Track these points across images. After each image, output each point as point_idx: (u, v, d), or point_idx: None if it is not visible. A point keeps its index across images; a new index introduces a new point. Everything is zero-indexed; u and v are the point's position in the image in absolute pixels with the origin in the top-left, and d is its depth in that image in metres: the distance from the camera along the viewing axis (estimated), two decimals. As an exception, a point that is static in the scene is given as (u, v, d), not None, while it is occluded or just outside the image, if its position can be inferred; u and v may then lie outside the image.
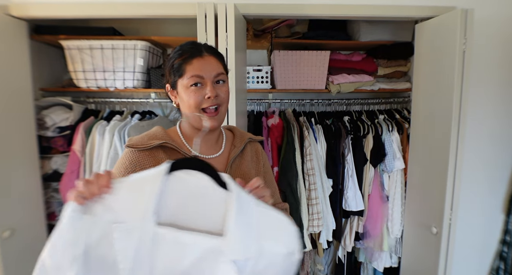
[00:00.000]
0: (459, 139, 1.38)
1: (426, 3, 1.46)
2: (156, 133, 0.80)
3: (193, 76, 0.74)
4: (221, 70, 0.78)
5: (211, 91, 0.74)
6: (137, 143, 0.76)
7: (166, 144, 0.76)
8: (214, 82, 0.76)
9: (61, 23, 1.63)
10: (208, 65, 0.76)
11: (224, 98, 0.79)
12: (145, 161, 0.75)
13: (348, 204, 1.79)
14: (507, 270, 1.74)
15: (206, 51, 0.77)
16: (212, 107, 0.76)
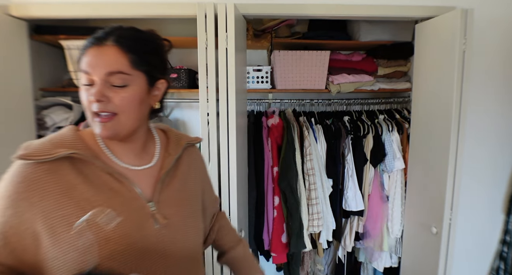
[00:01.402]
0: (459, 139, 1.38)
1: (426, 3, 1.46)
2: (64, 138, 0.59)
3: (83, 73, 0.57)
4: (121, 68, 0.56)
5: (95, 93, 0.55)
6: (34, 153, 0.53)
7: (75, 154, 0.56)
8: (106, 82, 0.56)
9: (61, 23, 1.63)
10: (101, 59, 0.56)
11: (120, 106, 0.57)
12: (44, 179, 0.53)
13: (348, 204, 1.79)
14: (507, 270, 1.74)
15: (111, 38, 0.58)
16: (104, 113, 0.57)
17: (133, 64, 0.58)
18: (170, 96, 2.02)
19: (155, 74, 0.63)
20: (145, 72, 0.61)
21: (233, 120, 1.29)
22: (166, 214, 0.63)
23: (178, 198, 0.68)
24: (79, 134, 0.62)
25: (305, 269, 1.92)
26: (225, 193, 1.33)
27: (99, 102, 0.56)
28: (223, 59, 1.27)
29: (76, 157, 0.57)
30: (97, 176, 0.58)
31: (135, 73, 0.59)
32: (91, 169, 0.58)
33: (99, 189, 0.57)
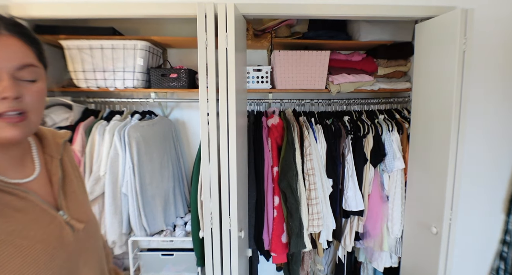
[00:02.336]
0: (459, 139, 1.38)
1: (426, 3, 1.46)
2: None
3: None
4: (30, 61, 0.52)
5: (7, 89, 0.48)
6: None
7: None
8: (14, 77, 0.50)
9: (61, 23, 1.63)
10: (4, 51, 0.49)
11: (31, 104, 0.52)
12: None
13: (348, 204, 1.79)
14: (507, 270, 1.74)
15: (7, 29, 0.51)
16: (12, 113, 0.50)
17: (38, 56, 0.55)
18: (170, 96, 2.03)
19: (47, 68, 0.58)
20: (45, 65, 0.57)
21: (233, 120, 1.29)
22: (77, 217, 0.61)
23: (78, 198, 0.66)
24: None
25: (305, 269, 1.92)
26: (225, 193, 1.32)
27: (13, 100, 0.49)
28: (223, 59, 1.27)
29: None
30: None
31: (41, 66, 0.55)
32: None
33: (3, 214, 0.49)
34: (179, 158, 2.01)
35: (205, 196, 1.34)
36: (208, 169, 1.32)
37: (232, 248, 1.36)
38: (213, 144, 1.31)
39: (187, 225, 1.84)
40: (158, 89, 1.74)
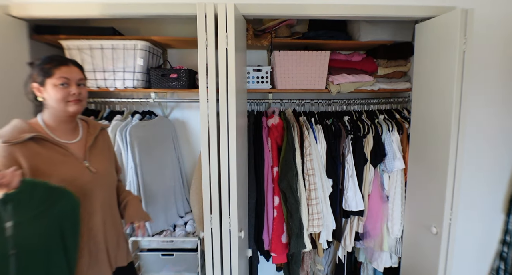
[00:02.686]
0: (459, 139, 1.38)
1: (426, 3, 1.46)
2: (22, 127, 0.95)
3: (60, 78, 0.97)
4: (82, 77, 1.04)
5: (75, 89, 1.00)
6: (11, 138, 0.90)
7: (38, 136, 0.94)
8: (77, 84, 1.01)
9: (61, 23, 1.63)
10: (73, 72, 1.01)
11: (84, 96, 1.04)
12: (18, 154, 0.90)
13: (348, 204, 1.79)
14: (507, 270, 1.74)
15: (71, 62, 1.02)
16: (79, 100, 1.01)
17: (83, 74, 1.06)
18: (170, 96, 2.03)
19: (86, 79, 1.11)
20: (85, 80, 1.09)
21: (233, 120, 1.29)
22: (95, 167, 1.07)
23: (100, 158, 1.11)
24: (29, 124, 0.99)
25: (305, 269, 1.92)
26: (225, 193, 1.33)
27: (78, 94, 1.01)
28: (223, 59, 1.27)
29: (37, 137, 0.95)
30: (51, 148, 0.98)
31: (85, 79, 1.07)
32: (47, 145, 0.98)
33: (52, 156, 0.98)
34: (179, 158, 2.01)
35: (205, 196, 1.34)
36: (208, 169, 1.32)
37: (232, 248, 1.36)
38: (213, 144, 1.31)
39: (187, 225, 1.84)
40: (158, 90, 1.74)
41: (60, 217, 0.89)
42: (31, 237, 0.83)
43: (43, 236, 0.86)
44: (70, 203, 0.92)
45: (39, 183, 0.87)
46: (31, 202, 0.83)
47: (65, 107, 0.99)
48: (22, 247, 0.80)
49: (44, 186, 0.87)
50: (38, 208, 0.84)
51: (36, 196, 0.84)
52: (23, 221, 0.81)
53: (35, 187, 0.85)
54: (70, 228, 0.92)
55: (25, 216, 0.82)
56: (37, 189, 0.85)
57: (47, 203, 0.86)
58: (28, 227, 0.82)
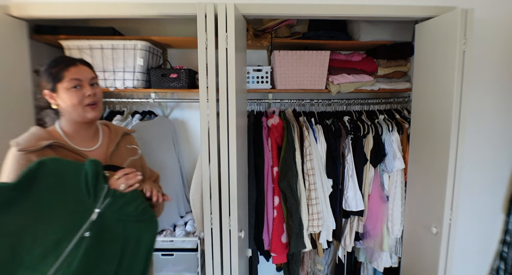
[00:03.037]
0: (459, 139, 1.38)
1: (426, 3, 1.46)
2: (39, 134, 0.90)
3: (72, 80, 0.90)
4: (94, 75, 0.96)
5: (90, 90, 0.92)
6: (28, 146, 0.84)
7: (55, 143, 0.88)
8: (90, 84, 0.93)
9: (61, 23, 1.63)
10: (83, 71, 0.93)
11: (100, 97, 0.96)
12: None
13: (348, 204, 1.79)
14: (507, 270, 1.74)
15: (78, 61, 0.94)
16: (92, 103, 0.93)
17: (94, 72, 0.98)
18: (170, 96, 2.03)
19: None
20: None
21: (233, 120, 1.29)
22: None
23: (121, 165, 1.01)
24: (47, 131, 0.93)
25: (305, 269, 1.92)
26: (225, 193, 1.33)
27: (93, 96, 0.93)
28: (223, 59, 1.27)
29: (54, 145, 0.88)
30: (69, 156, 0.90)
31: (97, 77, 0.99)
32: (64, 152, 0.90)
33: None
34: (179, 158, 2.01)
35: (205, 196, 1.34)
36: (208, 169, 1.32)
37: (232, 248, 1.36)
38: (213, 144, 1.31)
39: (187, 225, 1.84)
40: (158, 89, 1.74)
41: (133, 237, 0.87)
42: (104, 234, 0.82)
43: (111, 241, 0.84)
44: (149, 233, 0.90)
45: (142, 201, 0.88)
46: (124, 209, 0.84)
47: (83, 112, 0.92)
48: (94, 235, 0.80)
49: (144, 205, 0.88)
50: (125, 216, 0.85)
51: (131, 207, 0.85)
52: (107, 217, 0.82)
53: (137, 200, 0.87)
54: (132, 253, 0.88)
55: (112, 215, 0.83)
56: (137, 202, 0.87)
57: (134, 218, 0.86)
58: (107, 224, 0.82)
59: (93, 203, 0.81)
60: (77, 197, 0.80)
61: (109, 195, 0.82)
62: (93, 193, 0.81)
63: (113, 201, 0.82)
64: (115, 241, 0.84)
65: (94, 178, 0.81)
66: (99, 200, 0.81)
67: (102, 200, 0.81)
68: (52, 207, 0.78)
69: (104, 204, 0.81)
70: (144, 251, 0.88)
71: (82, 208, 0.80)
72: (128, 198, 0.85)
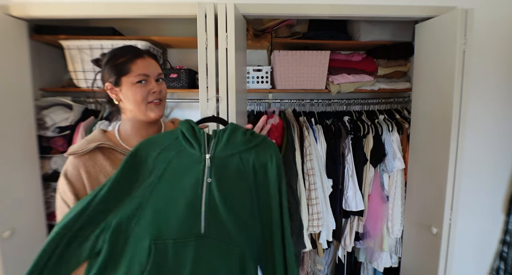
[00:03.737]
0: (459, 139, 1.38)
1: (426, 3, 1.45)
2: (94, 136, 0.86)
3: (139, 75, 0.82)
4: (161, 71, 0.88)
5: (156, 87, 0.84)
6: (77, 149, 0.81)
7: (103, 144, 0.82)
8: (156, 80, 0.85)
9: (61, 23, 1.63)
10: (151, 65, 0.85)
11: (165, 94, 0.89)
12: (87, 164, 0.81)
13: (348, 204, 1.79)
14: (507, 270, 1.74)
15: (145, 53, 0.85)
16: (156, 100, 0.85)
17: (160, 68, 0.89)
18: (170, 96, 2.03)
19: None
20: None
21: (233, 120, 1.29)
22: None
23: None
24: (105, 133, 0.89)
25: (305, 269, 1.92)
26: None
27: (158, 93, 0.85)
28: (223, 59, 1.27)
29: (104, 147, 0.83)
30: (118, 159, 0.83)
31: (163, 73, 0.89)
32: (114, 154, 0.84)
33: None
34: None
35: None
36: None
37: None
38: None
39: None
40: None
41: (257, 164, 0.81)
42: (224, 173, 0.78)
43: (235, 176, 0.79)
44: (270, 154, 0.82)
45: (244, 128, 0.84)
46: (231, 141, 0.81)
47: (146, 111, 0.83)
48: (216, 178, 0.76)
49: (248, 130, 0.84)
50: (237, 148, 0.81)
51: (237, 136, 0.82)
52: (221, 157, 0.79)
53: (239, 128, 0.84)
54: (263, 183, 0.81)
55: (224, 153, 0.79)
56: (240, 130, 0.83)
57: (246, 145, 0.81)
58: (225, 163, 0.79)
59: (202, 153, 0.78)
60: (187, 155, 0.78)
61: (210, 136, 0.81)
62: (196, 143, 0.78)
63: (217, 139, 0.80)
64: (241, 176, 0.79)
65: (190, 129, 0.80)
66: (203, 146, 0.79)
67: (206, 144, 0.79)
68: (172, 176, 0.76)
69: (211, 146, 0.79)
70: (274, 176, 0.81)
71: (195, 161, 0.77)
72: (229, 130, 0.81)
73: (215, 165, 0.77)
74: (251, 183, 0.79)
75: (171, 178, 0.76)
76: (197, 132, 0.80)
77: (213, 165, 0.77)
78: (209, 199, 0.74)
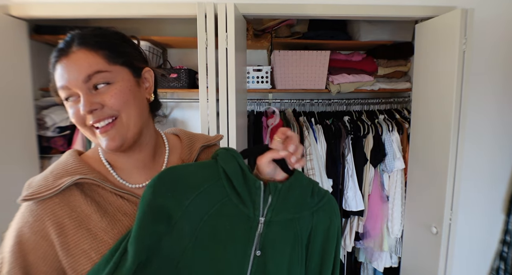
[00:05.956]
0: (459, 139, 1.38)
1: (426, 3, 1.45)
2: (66, 166, 0.55)
3: (60, 89, 0.52)
4: (97, 68, 0.51)
5: (84, 104, 0.50)
6: (39, 190, 0.50)
7: (82, 180, 0.53)
8: (89, 88, 0.51)
9: (61, 23, 1.63)
10: (74, 67, 0.51)
11: (115, 105, 0.52)
12: (59, 213, 0.50)
13: (348, 204, 1.79)
14: (507, 270, 1.74)
15: (76, 44, 0.52)
16: (103, 122, 0.52)
17: (108, 59, 0.53)
18: (170, 96, 2.02)
19: (136, 63, 0.59)
20: (125, 64, 0.55)
21: (233, 120, 1.29)
22: None
23: None
24: (81, 158, 0.58)
25: (305, 269, 1.92)
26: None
27: (94, 111, 0.51)
28: (223, 59, 1.27)
29: (84, 183, 0.54)
30: (108, 201, 0.55)
31: (114, 68, 0.53)
32: (101, 194, 0.55)
33: (113, 217, 0.54)
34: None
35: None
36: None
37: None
38: (213, 144, 1.31)
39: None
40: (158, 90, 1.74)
41: (312, 228, 0.61)
42: (277, 242, 0.58)
43: (289, 244, 0.58)
44: (330, 220, 0.63)
45: (309, 181, 0.61)
46: (294, 203, 0.58)
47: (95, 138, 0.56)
48: (267, 250, 0.57)
49: (314, 184, 0.61)
50: (299, 211, 0.59)
51: (304, 196, 0.59)
52: (277, 221, 0.57)
53: (303, 182, 0.59)
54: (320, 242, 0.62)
55: (279, 216, 0.57)
56: (307, 188, 0.60)
57: (310, 210, 0.60)
58: (277, 229, 0.57)
59: (256, 215, 0.56)
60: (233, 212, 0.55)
61: (269, 192, 0.56)
62: (249, 199, 0.56)
63: (277, 197, 0.56)
64: (295, 246, 0.59)
65: (239, 174, 0.55)
66: (258, 205, 0.56)
67: (262, 203, 0.56)
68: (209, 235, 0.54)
69: (267, 205, 0.56)
70: (332, 246, 0.63)
71: (243, 224, 0.56)
72: (295, 186, 0.58)
73: (269, 231, 0.57)
74: (303, 251, 0.61)
75: (210, 242, 0.54)
76: (250, 182, 0.55)
77: (267, 232, 0.56)
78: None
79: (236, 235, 0.55)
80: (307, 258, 0.61)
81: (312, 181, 0.62)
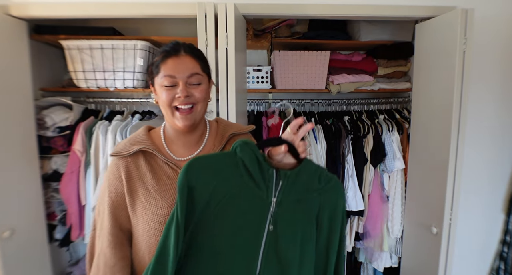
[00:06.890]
0: (459, 139, 1.38)
1: (426, 3, 1.46)
2: (138, 137, 0.81)
3: (166, 76, 0.73)
4: (196, 71, 0.76)
5: (182, 91, 0.73)
6: (120, 150, 0.78)
7: (145, 148, 0.78)
8: (187, 83, 0.75)
9: (61, 23, 1.63)
10: (182, 65, 0.74)
11: (198, 98, 0.76)
12: (130, 167, 0.77)
13: (348, 204, 1.79)
14: (507, 270, 1.74)
15: (184, 50, 0.75)
16: (186, 106, 0.75)
17: (202, 67, 0.78)
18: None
19: (210, 76, 0.83)
20: (207, 74, 0.81)
21: (233, 120, 1.29)
22: None
23: None
24: (149, 134, 0.83)
25: (305, 269, 1.92)
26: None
27: (185, 97, 0.74)
28: (223, 59, 1.27)
29: (146, 151, 0.78)
30: (159, 166, 0.78)
31: (203, 75, 0.78)
32: (156, 160, 0.79)
33: (160, 177, 0.77)
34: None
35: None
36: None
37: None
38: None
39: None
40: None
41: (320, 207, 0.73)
42: (287, 220, 0.69)
43: (299, 222, 0.70)
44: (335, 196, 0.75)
45: (317, 167, 0.73)
46: (303, 186, 0.70)
47: (172, 118, 0.77)
48: (278, 225, 0.68)
49: (321, 170, 0.74)
50: (307, 193, 0.71)
51: (312, 181, 0.71)
52: (287, 202, 0.69)
53: (311, 168, 0.72)
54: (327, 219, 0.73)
55: (292, 197, 0.69)
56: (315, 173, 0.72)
57: (317, 191, 0.72)
58: (287, 208, 0.69)
59: (269, 196, 0.68)
60: (251, 194, 0.68)
61: (279, 177, 0.68)
62: (263, 184, 0.68)
63: (287, 182, 0.68)
64: (305, 223, 0.71)
65: (255, 163, 0.67)
66: (271, 188, 0.68)
67: (274, 187, 0.68)
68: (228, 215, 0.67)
69: (278, 188, 0.68)
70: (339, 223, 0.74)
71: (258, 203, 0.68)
72: (304, 172, 0.70)
73: (280, 210, 0.68)
74: (314, 229, 0.72)
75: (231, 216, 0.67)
76: (264, 170, 0.68)
77: (278, 210, 0.68)
78: (268, 247, 0.67)
79: (252, 212, 0.68)
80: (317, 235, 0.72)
81: (320, 167, 0.74)
